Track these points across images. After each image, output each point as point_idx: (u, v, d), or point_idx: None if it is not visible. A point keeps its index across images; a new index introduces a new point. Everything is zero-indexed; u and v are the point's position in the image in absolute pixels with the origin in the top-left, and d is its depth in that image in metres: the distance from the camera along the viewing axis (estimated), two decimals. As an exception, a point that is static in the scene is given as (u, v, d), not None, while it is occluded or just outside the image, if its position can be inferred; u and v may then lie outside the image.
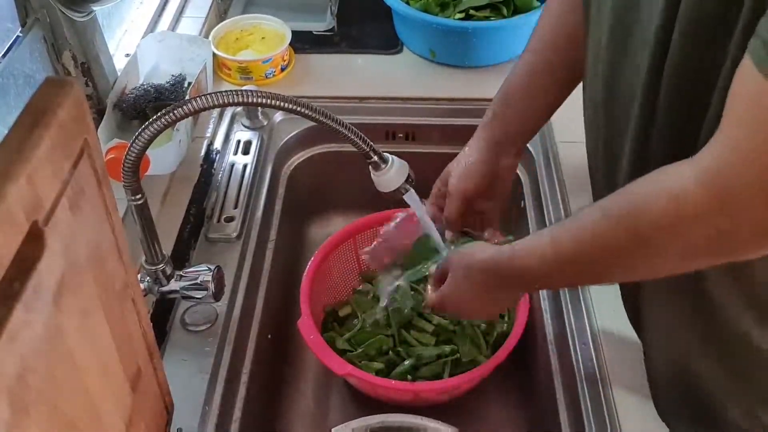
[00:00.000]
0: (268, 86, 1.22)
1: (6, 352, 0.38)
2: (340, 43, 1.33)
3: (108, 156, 0.88)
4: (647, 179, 0.58)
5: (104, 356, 0.54)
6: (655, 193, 0.56)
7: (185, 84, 1.07)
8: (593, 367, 0.83)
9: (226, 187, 1.07)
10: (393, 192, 0.82)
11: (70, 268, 0.47)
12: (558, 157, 1.08)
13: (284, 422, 1.05)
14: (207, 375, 0.83)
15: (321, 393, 1.07)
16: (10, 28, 0.85)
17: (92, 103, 1.01)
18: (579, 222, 0.65)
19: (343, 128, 0.75)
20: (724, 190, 0.51)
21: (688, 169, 0.53)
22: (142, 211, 0.77)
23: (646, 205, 0.56)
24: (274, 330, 1.04)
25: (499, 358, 0.91)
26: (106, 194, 0.54)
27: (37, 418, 0.41)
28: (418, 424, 0.87)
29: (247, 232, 1.02)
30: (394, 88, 1.22)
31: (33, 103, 0.45)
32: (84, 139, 0.49)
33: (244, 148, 1.13)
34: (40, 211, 0.43)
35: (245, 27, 1.28)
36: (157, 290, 0.84)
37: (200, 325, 0.88)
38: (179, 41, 1.14)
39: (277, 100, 0.71)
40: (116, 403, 0.57)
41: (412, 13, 1.23)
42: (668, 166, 0.56)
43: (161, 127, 0.70)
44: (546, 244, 0.68)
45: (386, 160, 0.80)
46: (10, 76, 0.84)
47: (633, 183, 0.59)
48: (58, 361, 0.45)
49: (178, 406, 0.75)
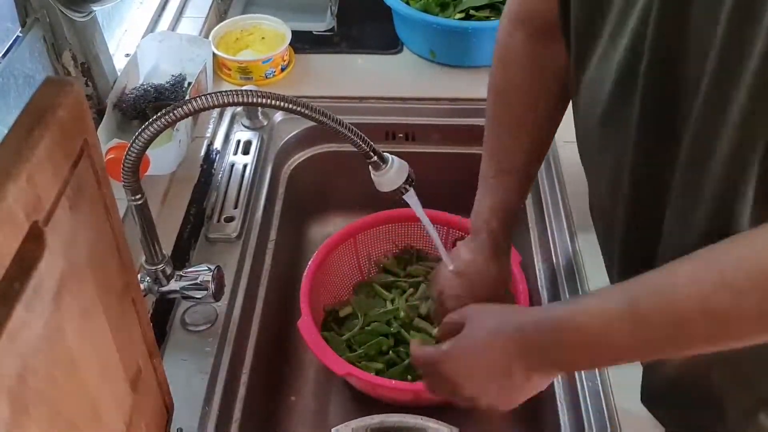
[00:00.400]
0: (268, 86, 1.22)
1: (6, 352, 0.38)
2: (340, 43, 1.33)
3: (108, 156, 0.88)
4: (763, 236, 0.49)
5: (104, 356, 0.54)
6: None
7: (185, 84, 1.07)
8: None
9: (226, 187, 1.07)
10: (393, 192, 0.82)
11: (70, 268, 0.47)
12: (558, 157, 1.08)
13: (284, 422, 1.05)
14: (207, 375, 0.83)
15: (321, 393, 1.07)
16: (10, 28, 0.85)
17: (92, 103, 1.01)
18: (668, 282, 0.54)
19: (343, 128, 0.75)
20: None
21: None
22: (142, 211, 0.77)
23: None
24: (274, 330, 1.04)
25: None
26: (106, 194, 0.54)
27: (37, 418, 0.41)
28: (418, 424, 0.87)
29: (247, 232, 1.02)
30: (394, 88, 1.22)
31: (33, 103, 0.45)
32: (84, 139, 0.49)
33: (244, 148, 1.13)
34: (40, 211, 0.43)
35: (245, 27, 1.28)
36: (157, 290, 0.84)
37: (200, 325, 0.88)
38: (179, 41, 1.14)
39: (277, 100, 0.71)
40: (116, 403, 0.57)
41: (412, 13, 1.23)
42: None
43: (161, 127, 0.70)
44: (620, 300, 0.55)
45: (386, 160, 0.80)
46: (10, 76, 0.84)
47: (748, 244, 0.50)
48: (58, 361, 0.45)
49: (178, 406, 0.75)
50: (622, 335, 0.55)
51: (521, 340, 0.61)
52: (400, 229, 1.14)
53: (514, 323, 0.62)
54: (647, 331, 0.54)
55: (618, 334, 0.55)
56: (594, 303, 0.58)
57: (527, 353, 0.61)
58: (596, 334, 0.56)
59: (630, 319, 0.54)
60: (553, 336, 0.59)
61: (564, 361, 0.62)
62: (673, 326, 0.52)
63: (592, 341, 0.57)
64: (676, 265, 0.53)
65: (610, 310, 0.55)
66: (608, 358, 0.62)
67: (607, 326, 0.55)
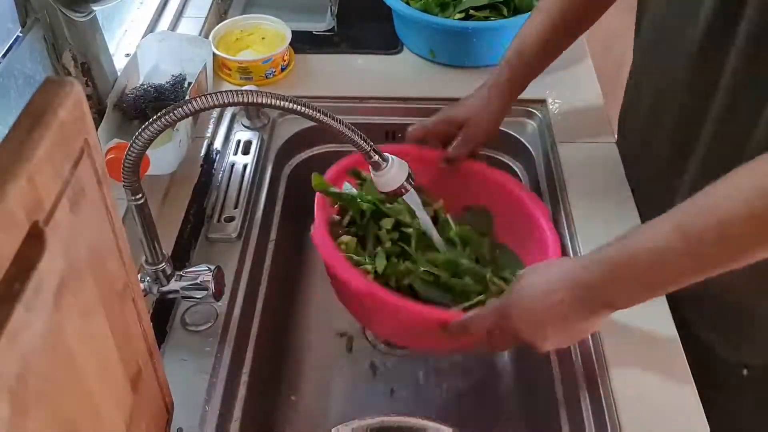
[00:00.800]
0: (268, 86, 1.22)
1: (6, 352, 0.38)
2: (340, 43, 1.33)
3: (108, 156, 0.88)
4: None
5: (104, 356, 0.54)
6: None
7: (185, 84, 1.07)
8: (593, 367, 0.83)
9: (226, 187, 1.07)
10: (393, 191, 0.82)
11: (70, 268, 0.47)
12: (558, 157, 1.08)
13: (284, 422, 1.05)
14: (207, 375, 0.83)
15: (321, 393, 1.07)
16: (10, 28, 0.85)
17: (92, 103, 1.01)
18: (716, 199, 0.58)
19: (343, 128, 0.75)
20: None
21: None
22: (142, 211, 0.77)
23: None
24: (274, 330, 1.04)
25: None
26: (106, 194, 0.54)
27: (37, 418, 0.41)
28: (418, 424, 0.87)
29: (247, 232, 1.02)
30: (394, 88, 1.22)
31: (33, 103, 0.45)
32: (84, 139, 0.49)
33: (244, 148, 1.13)
34: (41, 211, 0.43)
35: (245, 27, 1.28)
36: (157, 290, 0.84)
37: (200, 325, 0.88)
38: (179, 41, 1.14)
39: (277, 100, 0.71)
40: (116, 403, 0.57)
41: (412, 13, 1.23)
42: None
43: (161, 127, 0.70)
44: (668, 227, 0.59)
45: (387, 160, 0.80)
46: (10, 76, 0.84)
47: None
48: (58, 361, 0.45)
49: (178, 406, 0.75)
50: (675, 257, 0.58)
51: (577, 284, 0.64)
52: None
53: (568, 269, 0.66)
54: (698, 246, 0.57)
55: (671, 257, 0.58)
56: (642, 235, 0.61)
57: (584, 295, 0.64)
58: (649, 261, 0.59)
59: (680, 239, 0.57)
60: (608, 274, 0.62)
61: (622, 297, 0.65)
62: (721, 236, 0.56)
63: (647, 270, 0.60)
64: (715, 184, 0.57)
65: (658, 236, 0.59)
66: (665, 284, 0.64)
67: (659, 252, 0.58)
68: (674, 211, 0.60)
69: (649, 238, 0.61)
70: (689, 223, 0.58)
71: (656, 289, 0.67)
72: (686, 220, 0.59)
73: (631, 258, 0.61)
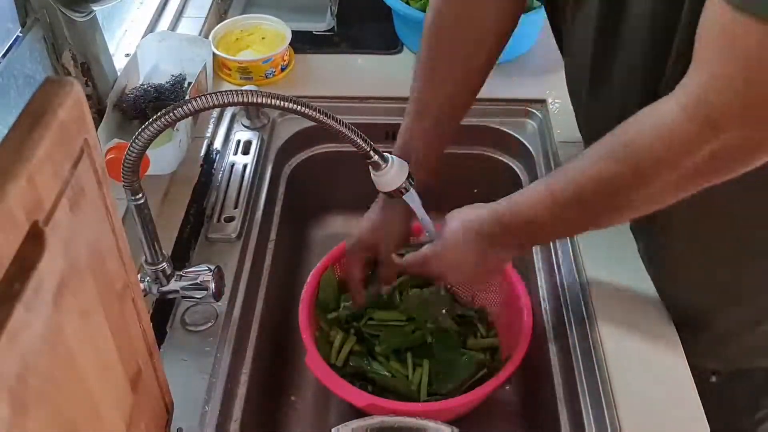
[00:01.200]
0: (268, 86, 1.22)
1: (6, 352, 0.38)
2: (340, 43, 1.33)
3: (108, 156, 0.88)
4: (638, 118, 0.62)
5: (104, 356, 0.54)
6: (649, 128, 0.60)
7: (185, 84, 1.07)
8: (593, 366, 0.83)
9: (226, 187, 1.07)
10: (393, 192, 0.82)
11: (70, 268, 0.47)
12: (558, 157, 1.08)
13: (284, 422, 1.05)
14: (207, 375, 0.83)
15: (321, 393, 1.07)
16: (10, 28, 0.85)
17: (92, 103, 1.01)
18: (576, 166, 0.68)
19: (343, 128, 0.75)
20: (709, 115, 0.56)
21: (673, 103, 0.58)
22: (142, 211, 0.77)
23: (642, 141, 0.61)
24: (274, 330, 1.04)
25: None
26: (106, 194, 0.54)
27: (37, 418, 0.41)
28: (418, 424, 0.86)
29: (247, 232, 1.02)
30: (394, 88, 1.22)
31: (33, 103, 0.45)
32: (84, 139, 0.49)
33: (244, 148, 1.13)
34: (40, 211, 0.43)
35: (245, 27, 1.28)
36: (157, 290, 0.84)
37: (200, 325, 0.88)
38: (179, 41, 1.14)
39: (277, 100, 0.71)
40: (116, 403, 0.57)
41: (412, 13, 1.23)
42: (654, 104, 0.61)
43: (161, 127, 0.70)
44: (543, 191, 0.71)
45: (386, 160, 0.80)
46: (10, 76, 0.84)
47: (625, 123, 0.63)
48: (58, 361, 0.45)
49: (178, 406, 0.75)
50: (545, 217, 0.71)
51: (484, 231, 0.78)
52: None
53: (477, 219, 0.78)
54: (562, 209, 0.69)
55: (543, 216, 0.71)
56: (524, 196, 0.74)
57: (490, 239, 0.78)
58: (528, 218, 0.73)
59: (549, 202, 0.69)
60: (504, 228, 0.76)
61: (516, 242, 0.79)
62: (578, 201, 0.67)
63: (528, 224, 0.73)
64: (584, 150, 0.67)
65: (534, 199, 0.72)
66: (543, 236, 0.82)
67: (536, 213, 0.71)
68: (553, 174, 0.72)
69: (528, 199, 0.73)
70: (557, 188, 0.69)
71: (544, 238, 0.88)
72: (557, 184, 0.69)
73: (516, 216, 0.74)
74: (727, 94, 0.54)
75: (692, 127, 0.57)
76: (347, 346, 1.00)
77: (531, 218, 0.73)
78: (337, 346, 1.01)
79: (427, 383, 0.97)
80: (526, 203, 0.73)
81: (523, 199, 0.74)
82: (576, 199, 0.68)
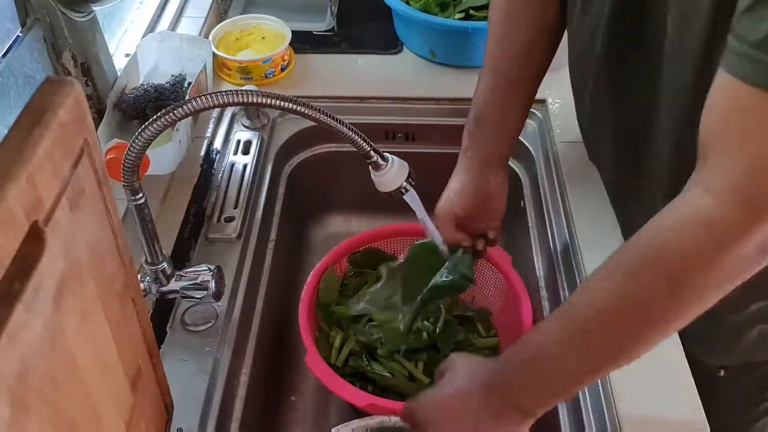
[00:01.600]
0: (268, 86, 1.22)
1: (6, 352, 0.38)
2: (340, 43, 1.33)
3: (108, 156, 0.88)
4: (658, 223, 0.56)
5: (104, 356, 0.54)
6: (680, 230, 0.54)
7: (185, 84, 1.07)
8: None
9: (226, 187, 1.07)
10: (393, 192, 0.82)
11: (70, 268, 0.47)
12: (558, 157, 1.08)
13: (284, 422, 1.05)
14: (207, 375, 0.83)
15: (321, 393, 1.07)
16: (10, 28, 0.85)
17: (92, 103, 1.01)
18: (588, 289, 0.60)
19: (343, 128, 0.75)
20: (754, 200, 0.51)
21: (703, 196, 0.53)
22: (142, 211, 0.77)
23: (674, 245, 0.54)
24: (274, 330, 1.04)
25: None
26: (106, 194, 0.54)
27: (37, 418, 0.41)
28: (418, 424, 0.86)
29: (247, 232, 1.02)
30: (394, 88, 1.22)
31: (33, 103, 0.45)
32: (84, 139, 0.49)
33: (244, 148, 1.13)
34: (40, 211, 0.43)
35: (245, 27, 1.28)
36: (157, 290, 0.84)
37: (200, 325, 0.88)
38: (179, 41, 1.14)
39: (277, 100, 0.71)
40: (116, 403, 0.56)
41: (412, 13, 1.23)
42: (673, 203, 0.55)
43: (161, 127, 0.70)
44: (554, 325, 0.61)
45: (387, 160, 0.80)
46: (10, 76, 0.84)
47: (642, 232, 0.57)
48: (58, 361, 0.45)
49: (178, 406, 0.75)
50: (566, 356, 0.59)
51: (483, 390, 0.64)
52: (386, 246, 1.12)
53: (480, 375, 0.65)
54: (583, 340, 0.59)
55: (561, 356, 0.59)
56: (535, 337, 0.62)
57: (490, 401, 0.64)
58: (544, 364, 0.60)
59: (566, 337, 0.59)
60: (507, 379, 0.63)
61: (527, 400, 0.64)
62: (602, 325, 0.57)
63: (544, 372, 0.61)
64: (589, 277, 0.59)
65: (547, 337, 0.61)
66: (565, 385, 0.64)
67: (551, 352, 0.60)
68: (558, 310, 0.62)
69: (540, 340, 0.62)
70: (571, 319, 0.59)
71: (559, 391, 0.65)
72: (568, 316, 0.60)
73: (527, 360, 0.62)
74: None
75: (738, 215, 0.51)
76: (347, 346, 1.01)
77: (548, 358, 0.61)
78: (337, 346, 1.01)
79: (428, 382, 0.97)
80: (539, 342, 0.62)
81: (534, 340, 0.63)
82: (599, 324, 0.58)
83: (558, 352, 0.60)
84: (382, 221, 1.23)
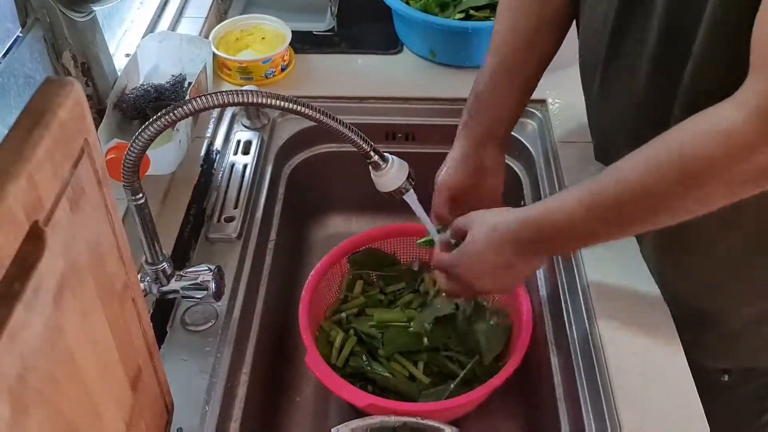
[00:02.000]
0: (268, 86, 1.22)
1: (6, 352, 0.38)
2: (340, 43, 1.33)
3: (108, 156, 0.88)
4: (691, 123, 0.61)
5: (104, 356, 0.54)
6: (704, 133, 0.59)
7: (185, 84, 1.07)
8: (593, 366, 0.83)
9: (226, 187, 1.07)
10: (393, 192, 0.82)
11: (70, 268, 0.47)
12: (558, 157, 1.08)
13: (284, 422, 1.05)
14: (207, 375, 0.83)
15: (321, 393, 1.07)
16: (10, 28, 0.85)
17: (92, 103, 1.01)
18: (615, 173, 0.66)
19: (343, 128, 0.75)
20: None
21: (733, 110, 0.57)
22: (142, 211, 0.77)
23: (696, 146, 0.59)
24: (274, 330, 1.04)
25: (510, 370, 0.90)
26: (106, 194, 0.54)
27: (37, 418, 0.41)
28: (418, 424, 0.86)
29: (247, 232, 1.02)
30: (394, 88, 1.22)
31: (33, 103, 0.45)
32: (84, 139, 0.49)
33: (244, 148, 1.13)
34: (41, 211, 0.43)
35: (245, 27, 1.28)
36: (157, 290, 0.84)
37: (200, 325, 0.88)
38: (179, 41, 1.14)
39: (277, 100, 0.71)
40: (116, 403, 0.57)
41: (412, 14, 1.23)
42: (711, 109, 0.60)
43: (161, 127, 0.70)
44: (580, 198, 0.68)
45: (386, 160, 0.80)
46: (10, 76, 0.84)
47: (675, 129, 0.62)
48: (58, 361, 0.45)
49: (178, 406, 0.75)
50: (580, 224, 0.69)
51: (513, 237, 0.74)
52: (386, 246, 1.13)
53: (506, 223, 0.75)
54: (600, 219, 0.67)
55: (578, 224, 0.69)
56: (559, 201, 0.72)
57: (520, 246, 0.75)
58: (563, 226, 0.70)
59: (586, 210, 0.67)
60: (535, 231, 0.73)
61: (547, 248, 0.77)
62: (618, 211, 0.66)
63: (561, 232, 0.71)
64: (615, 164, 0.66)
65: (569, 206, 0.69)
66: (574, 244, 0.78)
67: (570, 219, 0.69)
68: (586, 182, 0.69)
69: (563, 206, 0.70)
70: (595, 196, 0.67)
71: (575, 246, 0.82)
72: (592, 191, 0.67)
73: (550, 223, 0.71)
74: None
75: (750, 134, 0.56)
76: (347, 346, 1.01)
77: (565, 226, 0.70)
78: (338, 346, 1.01)
79: (428, 382, 0.98)
80: (561, 210, 0.70)
81: (558, 206, 0.71)
82: (615, 206, 0.66)
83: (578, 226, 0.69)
84: (382, 221, 1.24)
